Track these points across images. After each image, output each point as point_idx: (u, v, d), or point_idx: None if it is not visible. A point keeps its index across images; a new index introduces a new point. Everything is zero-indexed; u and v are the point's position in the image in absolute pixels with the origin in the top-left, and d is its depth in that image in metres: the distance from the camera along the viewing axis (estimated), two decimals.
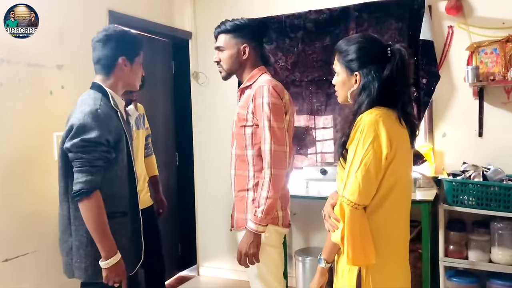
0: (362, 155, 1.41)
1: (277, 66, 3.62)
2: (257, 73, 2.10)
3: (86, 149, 1.74)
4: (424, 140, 3.29)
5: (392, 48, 1.50)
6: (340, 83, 1.59)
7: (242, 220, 2.02)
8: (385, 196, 1.46)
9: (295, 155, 3.62)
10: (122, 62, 1.91)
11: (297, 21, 3.50)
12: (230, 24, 2.07)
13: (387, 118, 1.45)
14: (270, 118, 1.90)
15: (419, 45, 3.14)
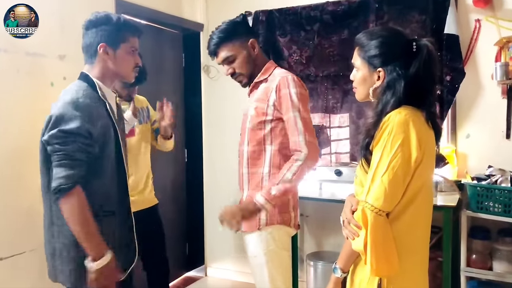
0: (390, 158, 1.31)
1: (291, 60, 3.45)
2: (271, 66, 2.03)
3: (65, 140, 1.59)
4: (446, 141, 3.10)
5: (418, 43, 1.38)
6: (361, 79, 1.46)
7: (254, 222, 1.92)
8: (409, 201, 1.36)
9: None
10: (103, 50, 1.74)
11: (314, 12, 3.33)
12: (220, 31, 1.97)
13: (416, 119, 1.35)
14: (299, 108, 1.85)
15: (444, 40, 2.95)
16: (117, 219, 1.76)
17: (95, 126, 1.65)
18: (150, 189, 2.66)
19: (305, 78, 3.41)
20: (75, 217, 1.59)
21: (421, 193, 1.37)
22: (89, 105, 1.66)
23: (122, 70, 1.80)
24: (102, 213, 1.70)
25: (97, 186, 1.69)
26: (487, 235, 2.78)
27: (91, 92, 1.72)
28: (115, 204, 1.76)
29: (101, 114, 1.70)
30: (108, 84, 1.81)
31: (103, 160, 1.70)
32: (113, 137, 1.73)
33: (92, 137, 1.64)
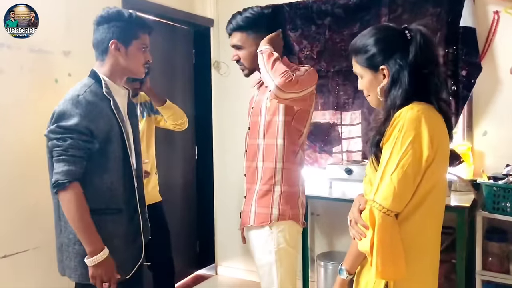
0: (400, 156, 1.26)
1: (302, 55, 3.38)
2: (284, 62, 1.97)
3: (63, 136, 1.62)
4: (462, 138, 2.98)
5: (410, 30, 1.36)
6: (368, 85, 1.43)
7: (264, 216, 1.92)
8: (420, 202, 1.30)
9: (319, 153, 3.39)
10: (114, 46, 1.74)
11: (325, 6, 3.24)
12: (243, 19, 1.95)
13: (429, 114, 1.30)
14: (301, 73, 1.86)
15: (459, 33, 2.83)
16: (123, 216, 1.77)
17: (96, 123, 1.66)
18: (153, 185, 2.61)
19: None
20: (71, 212, 1.62)
21: (433, 194, 1.31)
22: (90, 102, 1.67)
23: (133, 67, 1.80)
24: (108, 210, 1.72)
25: (102, 183, 1.70)
26: (504, 237, 2.66)
27: (97, 89, 1.72)
28: (122, 201, 1.76)
29: (103, 111, 1.70)
30: (117, 80, 1.81)
31: (107, 157, 1.71)
32: (118, 134, 1.73)
33: (92, 134, 1.66)
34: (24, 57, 2.35)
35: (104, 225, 1.69)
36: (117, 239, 1.74)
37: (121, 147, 1.74)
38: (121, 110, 1.78)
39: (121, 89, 1.85)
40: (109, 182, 1.72)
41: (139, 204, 1.86)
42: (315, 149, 3.42)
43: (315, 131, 3.40)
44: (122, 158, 1.75)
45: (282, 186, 1.93)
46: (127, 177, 1.78)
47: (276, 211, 1.90)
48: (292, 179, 1.95)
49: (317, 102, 3.38)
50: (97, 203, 1.69)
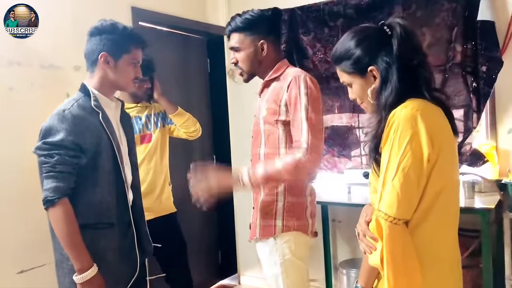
0: (399, 159, 1.17)
1: (315, 58, 3.31)
2: (283, 65, 1.93)
3: (50, 152, 1.59)
4: (485, 137, 2.85)
5: (388, 24, 1.30)
6: (360, 92, 1.35)
7: (269, 228, 1.85)
8: (430, 206, 1.21)
9: (338, 158, 3.31)
10: (104, 59, 1.71)
11: (337, 8, 3.18)
12: (242, 20, 1.88)
13: (425, 110, 1.21)
14: (308, 108, 1.74)
15: (477, 27, 2.71)
16: (116, 231, 1.72)
17: (83, 137, 1.63)
18: (167, 195, 2.59)
19: (331, 77, 3.26)
20: (60, 229, 1.60)
21: (443, 195, 1.22)
22: (76, 116, 1.64)
23: (121, 81, 1.77)
24: (100, 225, 1.68)
25: (92, 197, 1.67)
26: None
27: (85, 102, 1.70)
28: (114, 216, 1.72)
29: (91, 124, 1.66)
30: (107, 93, 1.78)
31: (97, 171, 1.67)
32: (108, 147, 1.70)
33: (80, 149, 1.63)
34: (35, 74, 2.38)
35: (96, 240, 1.66)
36: (110, 254, 1.70)
37: (111, 160, 1.71)
38: (111, 123, 1.75)
39: (112, 101, 1.82)
40: (100, 196, 1.68)
41: (135, 217, 1.83)
42: (334, 154, 3.35)
43: (333, 135, 3.33)
44: (113, 171, 1.71)
45: (285, 196, 1.85)
46: (119, 190, 1.74)
47: (280, 222, 1.83)
48: (297, 189, 1.86)
49: (333, 105, 3.32)
50: (89, 218, 1.66)
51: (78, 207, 1.63)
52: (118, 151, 1.73)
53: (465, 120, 2.81)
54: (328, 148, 3.35)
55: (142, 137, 2.49)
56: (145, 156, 2.46)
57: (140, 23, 3.06)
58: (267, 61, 1.91)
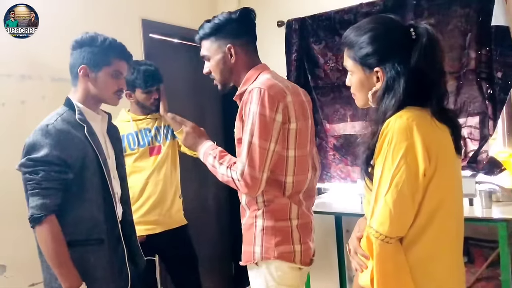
0: (392, 173, 1.09)
1: (327, 67, 3.28)
2: (254, 73, 1.69)
3: (35, 169, 1.54)
4: (502, 144, 2.78)
5: (417, 28, 1.17)
6: (358, 84, 1.26)
7: (249, 254, 1.66)
8: (427, 222, 1.13)
9: (351, 167, 3.26)
10: (83, 72, 1.69)
11: (347, 16, 3.15)
12: (209, 26, 1.71)
13: (421, 121, 1.12)
14: (253, 132, 1.54)
15: (492, 33, 2.65)
16: (106, 247, 1.68)
17: (68, 151, 1.59)
18: (177, 208, 2.55)
19: (343, 86, 3.22)
20: (47, 247, 1.55)
21: (442, 210, 1.14)
22: (60, 131, 1.60)
23: (103, 94, 1.74)
24: (88, 241, 1.64)
25: (80, 212, 1.63)
26: None
27: (70, 116, 1.67)
28: (103, 231, 1.67)
29: (75, 138, 1.63)
30: (92, 106, 1.76)
31: (84, 185, 1.63)
32: (94, 160, 1.66)
33: (65, 163, 1.58)
34: (46, 87, 2.41)
35: (85, 257, 1.62)
36: (100, 270, 1.65)
37: (98, 174, 1.67)
38: (97, 136, 1.72)
39: (98, 114, 1.79)
40: (87, 211, 1.64)
41: (126, 232, 1.80)
42: (347, 163, 3.30)
43: (345, 144, 3.29)
44: (100, 185, 1.67)
45: (264, 220, 1.64)
46: (108, 205, 1.70)
47: (258, 249, 1.62)
48: (278, 212, 1.64)
49: (346, 114, 3.28)
50: (77, 234, 1.61)
51: (66, 223, 1.58)
52: (105, 165, 1.69)
53: (481, 128, 2.75)
54: (341, 157, 3.31)
55: (151, 149, 2.47)
56: (154, 168, 2.44)
57: (151, 35, 3.08)
58: (238, 68, 1.71)
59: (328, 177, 3.37)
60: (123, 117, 2.49)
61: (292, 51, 3.39)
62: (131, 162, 2.41)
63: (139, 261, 1.91)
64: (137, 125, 2.47)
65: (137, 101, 2.46)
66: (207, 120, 3.73)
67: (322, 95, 3.32)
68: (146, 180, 2.42)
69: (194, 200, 3.43)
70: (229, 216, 3.92)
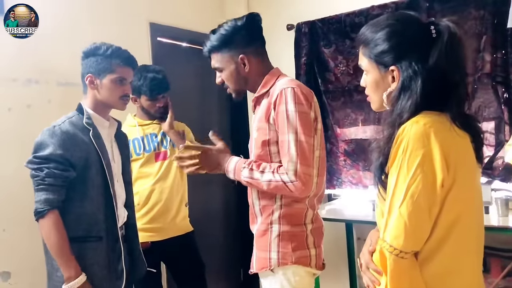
0: (408, 183, 1.02)
1: (337, 71, 3.22)
2: (272, 77, 1.70)
3: (39, 166, 1.66)
4: None
5: (438, 26, 1.10)
6: (373, 85, 1.19)
7: (264, 261, 1.64)
8: (444, 236, 1.06)
9: (363, 172, 3.19)
10: (89, 81, 1.83)
11: (358, 19, 3.09)
12: (216, 38, 1.70)
13: (439, 127, 1.05)
14: (297, 129, 1.52)
15: (507, 35, 2.58)
16: (104, 245, 1.76)
17: (71, 151, 1.70)
18: (183, 216, 2.50)
19: (354, 90, 3.18)
20: (49, 239, 1.66)
21: (461, 224, 1.06)
22: (65, 132, 1.71)
23: (109, 100, 1.85)
24: (88, 238, 1.73)
25: (81, 210, 1.73)
26: None
27: (78, 120, 1.79)
28: (102, 229, 1.77)
29: (79, 140, 1.74)
30: (101, 112, 1.88)
31: (86, 185, 1.74)
32: (97, 162, 1.76)
33: (68, 162, 1.69)
34: (52, 91, 2.38)
35: (83, 253, 1.71)
36: (94, 267, 1.73)
37: (100, 175, 1.76)
38: (102, 140, 1.81)
39: (106, 121, 1.90)
40: (89, 210, 1.74)
41: (129, 236, 1.94)
42: (358, 168, 3.23)
43: (357, 149, 3.23)
44: (102, 186, 1.77)
45: (280, 225, 1.63)
46: (108, 204, 1.79)
47: (275, 255, 1.61)
48: (294, 217, 1.63)
49: (357, 118, 3.22)
50: (78, 230, 1.72)
51: (68, 220, 1.69)
52: (108, 167, 1.79)
53: (496, 133, 2.67)
54: (352, 163, 3.24)
55: (156, 155, 2.42)
56: (160, 175, 2.39)
57: (159, 39, 3.04)
58: (253, 76, 1.70)
59: (339, 183, 3.31)
60: (129, 122, 2.45)
61: (301, 55, 3.34)
62: (137, 168, 2.37)
63: (141, 267, 2.01)
64: (143, 130, 2.43)
65: (142, 107, 2.43)
66: (215, 126, 3.69)
67: (332, 99, 3.26)
68: (152, 187, 2.38)
69: (202, 205, 3.38)
70: (237, 221, 3.87)
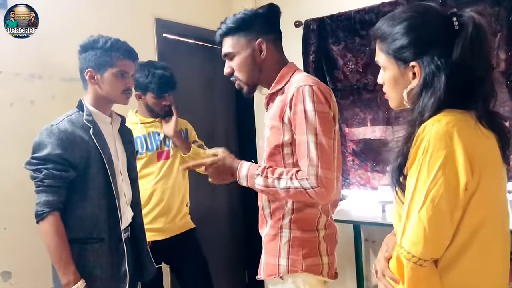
0: (428, 186, 0.96)
1: (346, 69, 3.16)
2: (288, 71, 1.59)
3: (38, 167, 1.61)
4: None
5: (461, 18, 1.02)
6: (391, 82, 1.12)
7: (273, 267, 1.56)
8: (467, 243, 0.99)
9: (371, 173, 3.13)
10: (89, 75, 1.76)
11: (368, 16, 3.03)
12: (233, 20, 1.57)
13: (463, 126, 0.98)
14: (317, 130, 1.42)
15: None
16: (106, 245, 1.71)
17: (70, 151, 1.64)
18: (182, 215, 2.44)
19: (363, 88, 3.11)
20: (48, 242, 1.60)
21: (485, 229, 0.99)
22: (63, 131, 1.65)
23: (110, 94, 1.78)
24: (89, 240, 1.68)
25: (82, 210, 1.68)
26: None
27: (78, 117, 1.73)
28: (104, 230, 1.72)
29: (78, 138, 1.68)
30: (102, 108, 1.81)
31: (87, 184, 1.68)
32: (98, 160, 1.70)
33: (67, 162, 1.63)
34: (56, 87, 2.33)
35: (85, 254, 1.67)
36: (97, 270, 1.69)
37: (101, 173, 1.70)
38: (103, 137, 1.75)
39: (108, 116, 1.83)
40: (89, 210, 1.68)
41: (136, 235, 1.89)
42: (367, 169, 3.17)
43: (365, 149, 3.16)
44: (104, 185, 1.71)
45: (291, 230, 1.55)
46: (110, 204, 1.73)
47: (284, 261, 1.53)
48: (306, 222, 1.55)
49: (366, 117, 3.15)
50: (79, 231, 1.67)
51: (69, 220, 1.64)
52: (109, 165, 1.72)
53: None
54: (360, 163, 3.18)
55: (159, 154, 2.35)
56: (162, 174, 2.33)
57: (165, 35, 2.98)
58: (268, 65, 1.58)
59: (346, 184, 3.24)
60: (131, 119, 2.38)
61: (310, 52, 3.28)
62: (139, 167, 2.30)
63: (149, 267, 1.96)
64: (146, 128, 2.37)
65: (146, 104, 2.36)
66: (221, 123, 3.63)
67: (341, 98, 3.19)
68: (154, 186, 2.32)
69: (206, 205, 3.32)
70: (242, 222, 3.82)
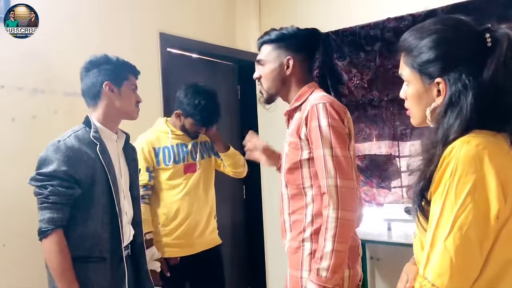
0: (455, 213, 0.88)
1: (351, 84, 3.14)
2: (307, 90, 1.67)
3: (43, 183, 1.59)
4: None
5: (494, 34, 0.95)
6: (415, 97, 1.05)
7: (296, 279, 1.59)
8: (498, 276, 0.91)
9: (376, 189, 3.09)
10: (108, 88, 1.76)
11: (373, 31, 3.01)
12: (276, 33, 1.70)
13: (495, 149, 0.91)
14: (332, 144, 1.49)
15: None
16: (107, 264, 1.69)
17: (76, 167, 1.62)
18: (211, 229, 2.43)
19: (368, 104, 3.09)
20: (52, 260, 1.58)
21: None
22: (70, 147, 1.64)
23: (127, 107, 1.81)
24: (90, 258, 1.66)
25: (85, 229, 1.65)
26: None
27: (84, 134, 1.71)
28: (106, 250, 1.69)
29: (85, 155, 1.66)
30: (111, 125, 1.80)
31: (91, 202, 1.66)
32: (103, 178, 1.68)
33: (73, 179, 1.61)
34: (59, 101, 2.31)
35: (86, 273, 1.64)
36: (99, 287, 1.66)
37: (106, 192, 1.69)
38: (109, 155, 1.73)
39: (114, 134, 1.83)
40: (92, 229, 1.66)
41: (136, 253, 1.86)
42: (372, 185, 3.12)
43: (371, 166, 3.12)
44: (108, 204, 1.69)
45: (312, 243, 1.56)
46: (113, 223, 1.71)
47: (306, 274, 1.54)
48: None
49: (371, 133, 3.12)
50: (80, 250, 1.64)
51: (72, 239, 1.62)
52: (114, 184, 1.71)
53: None
54: (365, 179, 3.13)
55: (186, 167, 2.34)
56: (189, 187, 2.32)
57: (169, 49, 2.97)
58: (291, 81, 1.68)
59: None
60: (161, 127, 2.38)
61: (314, 67, 3.26)
62: (164, 179, 2.30)
63: (148, 284, 1.93)
64: (175, 139, 2.36)
65: (183, 123, 2.35)
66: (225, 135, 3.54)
67: None
68: (181, 200, 2.31)
69: None
70: (245, 235, 3.77)
